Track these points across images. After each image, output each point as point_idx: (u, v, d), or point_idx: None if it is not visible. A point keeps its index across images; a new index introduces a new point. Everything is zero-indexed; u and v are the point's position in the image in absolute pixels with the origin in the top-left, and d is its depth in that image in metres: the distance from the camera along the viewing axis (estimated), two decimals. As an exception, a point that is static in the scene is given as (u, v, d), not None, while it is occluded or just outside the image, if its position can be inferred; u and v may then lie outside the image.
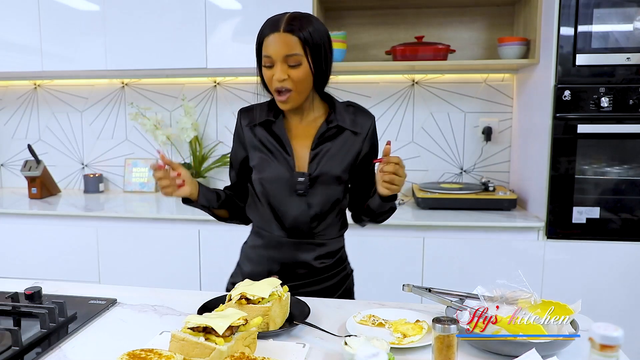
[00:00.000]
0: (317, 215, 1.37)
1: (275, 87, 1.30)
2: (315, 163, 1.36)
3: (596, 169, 2.17)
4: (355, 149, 1.39)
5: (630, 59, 2.06)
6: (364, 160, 1.41)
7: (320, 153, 1.36)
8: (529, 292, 1.12)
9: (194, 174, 2.82)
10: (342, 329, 1.13)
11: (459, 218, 2.25)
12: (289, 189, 1.36)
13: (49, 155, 3.05)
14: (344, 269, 1.48)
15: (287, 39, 1.26)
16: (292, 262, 1.39)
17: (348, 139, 1.38)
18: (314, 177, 1.35)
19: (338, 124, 1.37)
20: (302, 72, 1.28)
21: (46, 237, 2.48)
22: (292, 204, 1.36)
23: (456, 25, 2.66)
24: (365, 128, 1.41)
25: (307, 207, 1.36)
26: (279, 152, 1.37)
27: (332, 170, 1.36)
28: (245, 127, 1.42)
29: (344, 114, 1.39)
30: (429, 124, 2.75)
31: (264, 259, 1.42)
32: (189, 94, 2.90)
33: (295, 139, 1.39)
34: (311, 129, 1.39)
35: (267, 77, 1.32)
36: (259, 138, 1.39)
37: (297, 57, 1.27)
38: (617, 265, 2.14)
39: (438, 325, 0.89)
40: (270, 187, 1.38)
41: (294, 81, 1.29)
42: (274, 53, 1.27)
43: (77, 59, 2.59)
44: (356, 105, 1.45)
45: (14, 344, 1.01)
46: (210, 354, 0.91)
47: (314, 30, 1.28)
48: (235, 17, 2.45)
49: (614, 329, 0.71)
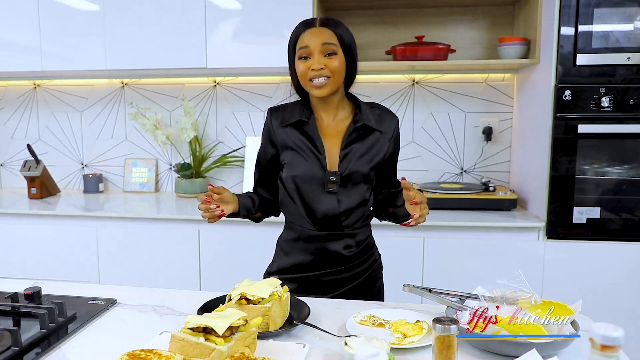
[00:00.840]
0: (346, 211, 1.43)
1: (311, 76, 1.36)
2: (345, 162, 1.42)
3: (596, 169, 2.17)
4: (384, 148, 1.46)
5: (631, 58, 2.06)
6: (389, 159, 1.49)
7: (350, 153, 1.43)
8: (529, 292, 1.12)
9: (194, 174, 2.82)
10: (342, 329, 1.13)
11: (459, 218, 2.25)
12: (320, 186, 1.42)
13: (49, 155, 3.05)
14: (371, 255, 1.54)
15: (323, 31, 1.37)
16: (322, 253, 1.46)
17: (376, 139, 1.45)
18: (345, 176, 1.42)
19: (365, 123, 1.43)
20: (337, 62, 1.37)
21: (46, 237, 2.48)
22: (323, 200, 1.43)
23: (456, 25, 2.66)
24: (390, 128, 1.47)
25: (337, 203, 1.42)
26: (311, 151, 1.43)
27: (361, 169, 1.42)
28: (276, 127, 1.47)
29: (369, 114, 1.46)
30: (429, 123, 2.75)
31: (296, 251, 1.49)
32: (189, 93, 2.90)
33: (326, 137, 1.45)
34: (341, 128, 1.46)
35: (302, 70, 1.38)
36: (291, 137, 1.45)
37: (333, 46, 1.36)
38: (618, 265, 2.14)
39: (438, 326, 0.89)
40: (303, 184, 1.43)
41: (331, 69, 1.36)
42: (311, 42, 1.36)
43: (77, 59, 2.59)
44: (380, 106, 1.51)
45: (14, 344, 1.01)
46: (210, 354, 0.91)
47: (345, 30, 1.40)
48: (235, 17, 2.45)
49: (614, 329, 0.71)
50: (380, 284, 1.59)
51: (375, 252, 1.59)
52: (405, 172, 2.77)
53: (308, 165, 1.43)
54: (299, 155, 1.44)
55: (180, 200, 2.73)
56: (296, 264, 1.49)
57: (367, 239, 1.53)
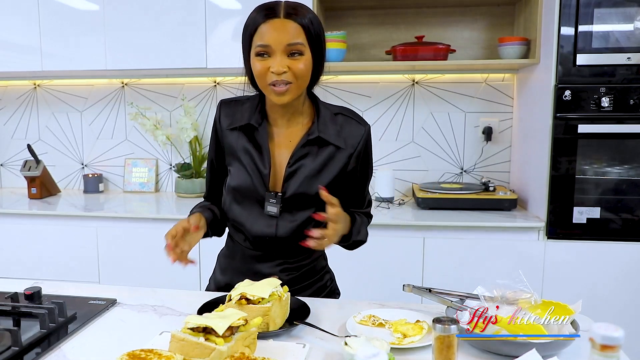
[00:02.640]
0: (285, 238, 1.26)
1: (271, 80, 1.14)
2: (292, 182, 1.23)
3: (597, 169, 2.17)
4: (339, 164, 1.24)
5: (631, 58, 2.06)
6: (350, 175, 1.27)
7: (298, 171, 1.23)
8: (529, 292, 1.11)
9: (194, 174, 2.82)
10: (342, 329, 1.12)
11: (459, 218, 2.25)
12: (260, 206, 1.25)
13: (49, 155, 3.05)
14: (318, 280, 1.36)
15: (288, 26, 1.12)
16: (257, 274, 1.26)
17: (331, 154, 1.24)
18: (288, 198, 1.23)
19: (319, 135, 1.22)
20: (303, 64, 1.14)
21: (46, 237, 2.48)
22: (259, 221, 1.25)
23: (456, 25, 2.66)
24: (352, 142, 1.25)
25: (275, 228, 1.25)
26: (255, 164, 1.25)
27: (309, 191, 1.23)
28: (225, 127, 1.29)
29: (328, 124, 1.24)
30: (429, 123, 2.75)
31: (231, 269, 1.36)
32: (189, 93, 2.90)
33: (277, 147, 1.26)
34: (294, 137, 1.26)
35: (260, 70, 1.15)
36: (238, 142, 1.27)
37: (299, 46, 1.13)
38: (618, 265, 2.14)
39: (438, 326, 0.88)
40: (241, 199, 1.27)
41: (295, 74, 1.14)
42: (272, 41, 1.12)
43: (76, 58, 2.59)
44: (347, 114, 1.28)
45: (14, 344, 1.01)
46: (210, 354, 0.91)
47: (313, 18, 1.16)
48: (235, 17, 2.45)
49: (614, 329, 0.71)
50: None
51: (325, 276, 1.39)
52: (406, 172, 2.77)
53: (249, 180, 1.24)
54: (242, 166, 1.25)
55: (180, 200, 2.73)
56: (230, 284, 1.26)
57: (311, 263, 1.33)
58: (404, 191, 2.79)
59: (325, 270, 1.41)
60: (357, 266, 2.16)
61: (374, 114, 2.77)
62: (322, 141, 1.23)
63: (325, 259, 1.42)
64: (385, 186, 2.59)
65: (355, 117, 1.29)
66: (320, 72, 1.24)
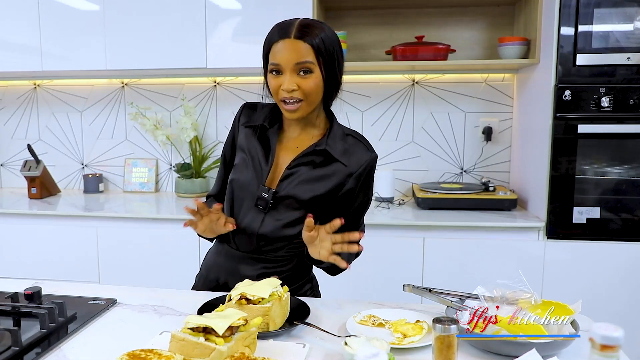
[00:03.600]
0: (266, 235, 1.29)
1: (282, 97, 1.22)
2: (286, 183, 1.28)
3: (596, 169, 2.17)
4: (336, 180, 1.27)
5: (631, 58, 2.06)
6: (346, 196, 1.28)
7: (295, 174, 1.28)
8: (529, 292, 1.11)
9: (194, 174, 2.82)
10: (342, 329, 1.13)
11: (459, 218, 2.25)
12: (253, 200, 1.29)
13: (49, 155, 3.05)
14: (298, 288, 1.37)
15: (297, 46, 1.19)
16: (235, 275, 1.31)
17: (333, 169, 1.27)
18: (279, 197, 1.27)
19: (325, 148, 1.26)
20: (312, 82, 1.20)
21: (46, 237, 2.48)
22: (248, 215, 1.30)
23: (456, 25, 2.66)
24: (356, 164, 1.27)
25: (260, 223, 1.29)
26: (258, 161, 1.30)
27: (300, 195, 1.26)
28: (241, 125, 1.36)
29: (337, 141, 1.28)
30: (429, 123, 2.75)
31: (215, 268, 1.39)
32: (189, 94, 2.90)
33: (283, 150, 1.32)
34: (302, 145, 1.30)
35: (273, 86, 1.23)
36: (249, 140, 1.34)
37: (308, 64, 1.19)
38: (618, 265, 2.14)
39: (438, 326, 0.88)
40: (238, 192, 1.32)
41: (304, 92, 1.20)
42: (283, 61, 1.20)
43: (76, 58, 2.59)
44: (358, 137, 1.32)
45: (14, 344, 1.01)
46: (210, 354, 0.91)
47: (325, 37, 1.21)
48: (235, 17, 2.45)
49: (614, 329, 0.71)
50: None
51: (305, 286, 1.40)
52: (406, 172, 2.77)
53: (249, 174, 1.30)
54: (245, 160, 1.32)
55: (180, 200, 2.73)
56: (214, 280, 1.38)
57: (291, 270, 1.35)
58: (404, 191, 2.79)
59: (306, 280, 1.41)
60: (357, 266, 2.15)
61: (374, 114, 2.77)
62: (328, 155, 1.27)
63: (310, 268, 1.43)
64: (385, 186, 2.59)
65: (365, 143, 1.32)
66: (338, 87, 1.28)
